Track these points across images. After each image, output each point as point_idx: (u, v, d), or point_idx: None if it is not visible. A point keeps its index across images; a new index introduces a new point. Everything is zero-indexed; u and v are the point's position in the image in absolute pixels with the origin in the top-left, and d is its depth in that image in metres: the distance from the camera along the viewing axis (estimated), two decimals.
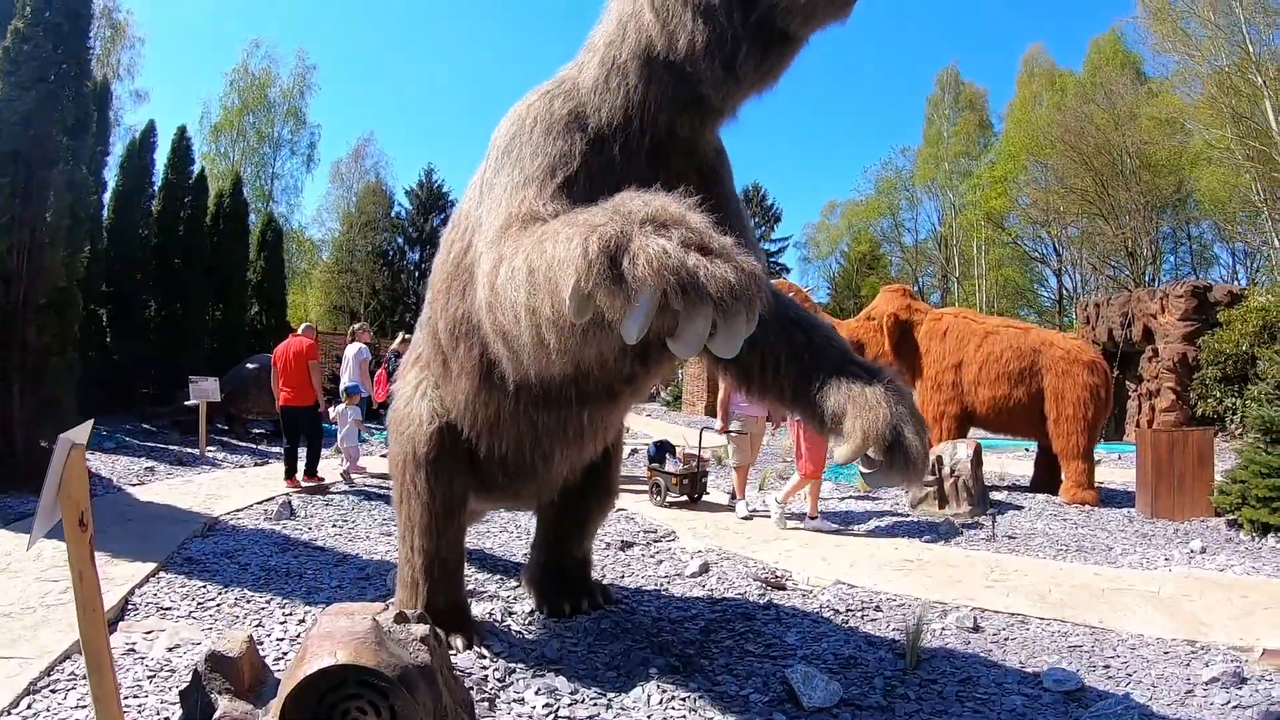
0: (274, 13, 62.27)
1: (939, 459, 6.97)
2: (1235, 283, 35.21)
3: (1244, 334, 13.39)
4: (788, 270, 58.37)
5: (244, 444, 11.05)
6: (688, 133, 2.25)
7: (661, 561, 5.14)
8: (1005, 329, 8.12)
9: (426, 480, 3.05)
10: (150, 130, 14.91)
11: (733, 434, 7.13)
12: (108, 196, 13.54)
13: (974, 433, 8.52)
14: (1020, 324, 8.61)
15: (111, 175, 13.76)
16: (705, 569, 4.86)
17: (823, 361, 2.07)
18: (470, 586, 4.16)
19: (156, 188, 14.81)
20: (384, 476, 8.04)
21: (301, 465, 7.86)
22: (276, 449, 10.95)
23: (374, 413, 11.41)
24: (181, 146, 15.39)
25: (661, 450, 7.72)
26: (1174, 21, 27.25)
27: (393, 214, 50.82)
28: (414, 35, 76.60)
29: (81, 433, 2.31)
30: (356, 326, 10.46)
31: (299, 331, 8.61)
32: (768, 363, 2.22)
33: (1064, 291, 41.65)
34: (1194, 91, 27.25)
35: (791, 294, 9.90)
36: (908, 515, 6.99)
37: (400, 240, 52.20)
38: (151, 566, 4.56)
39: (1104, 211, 32.75)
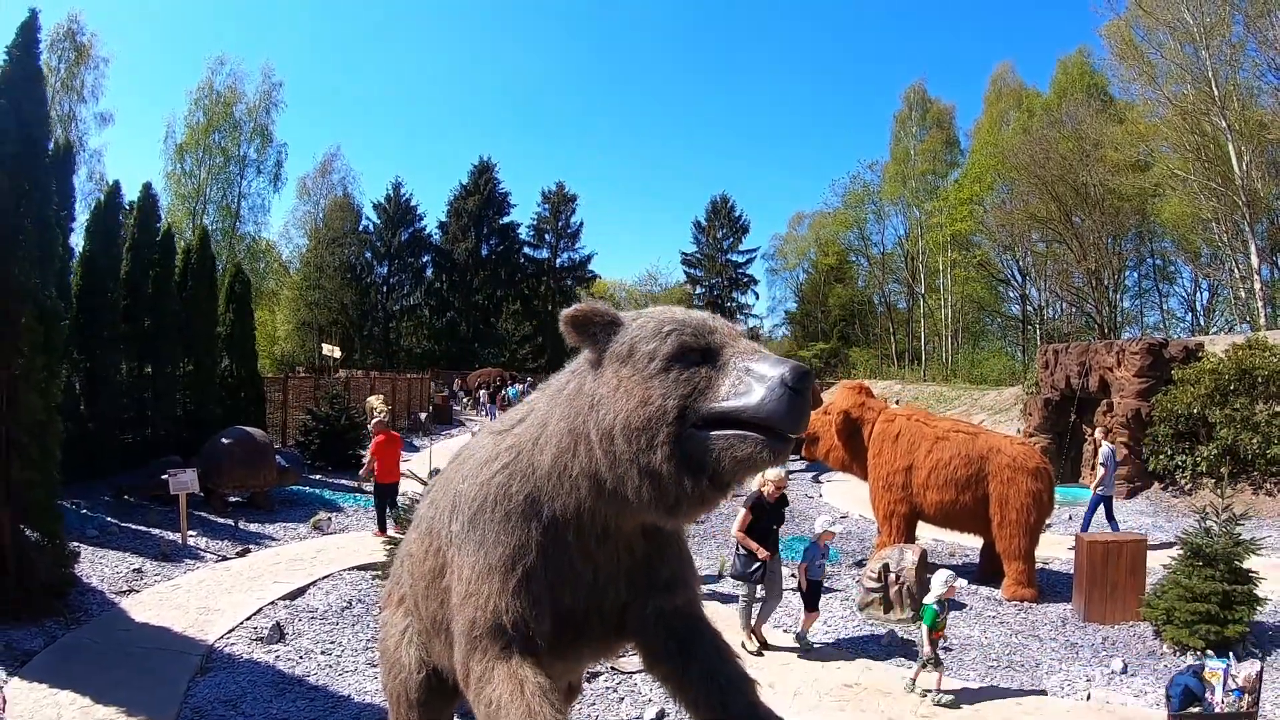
0: (239, 24, 61.35)
1: (885, 566, 7.58)
2: (1198, 296, 36.53)
3: (1196, 395, 14.08)
4: (755, 281, 59.40)
5: (222, 521, 11.32)
6: (634, 526, 2.57)
7: (623, 698, 5.67)
8: (954, 434, 8.73)
9: (420, 718, 3.51)
10: (115, 191, 14.98)
11: None
12: (75, 262, 13.64)
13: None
14: (969, 427, 9.22)
15: (78, 235, 13.85)
16: (662, 715, 5.40)
17: (733, 716, 2.43)
18: None
19: (123, 248, 14.89)
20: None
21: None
22: (255, 526, 11.30)
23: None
24: (147, 204, 15.45)
25: None
26: (1140, 55, 27.99)
27: (360, 228, 50.67)
28: (381, 46, 75.84)
29: None
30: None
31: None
32: (686, 699, 2.61)
33: (1028, 309, 42.91)
34: (1158, 117, 28.13)
35: None
36: (854, 616, 7.60)
37: (368, 254, 52.12)
38: None
39: (1065, 238, 33.76)
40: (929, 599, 5.93)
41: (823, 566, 7.10)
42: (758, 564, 6.67)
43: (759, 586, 6.78)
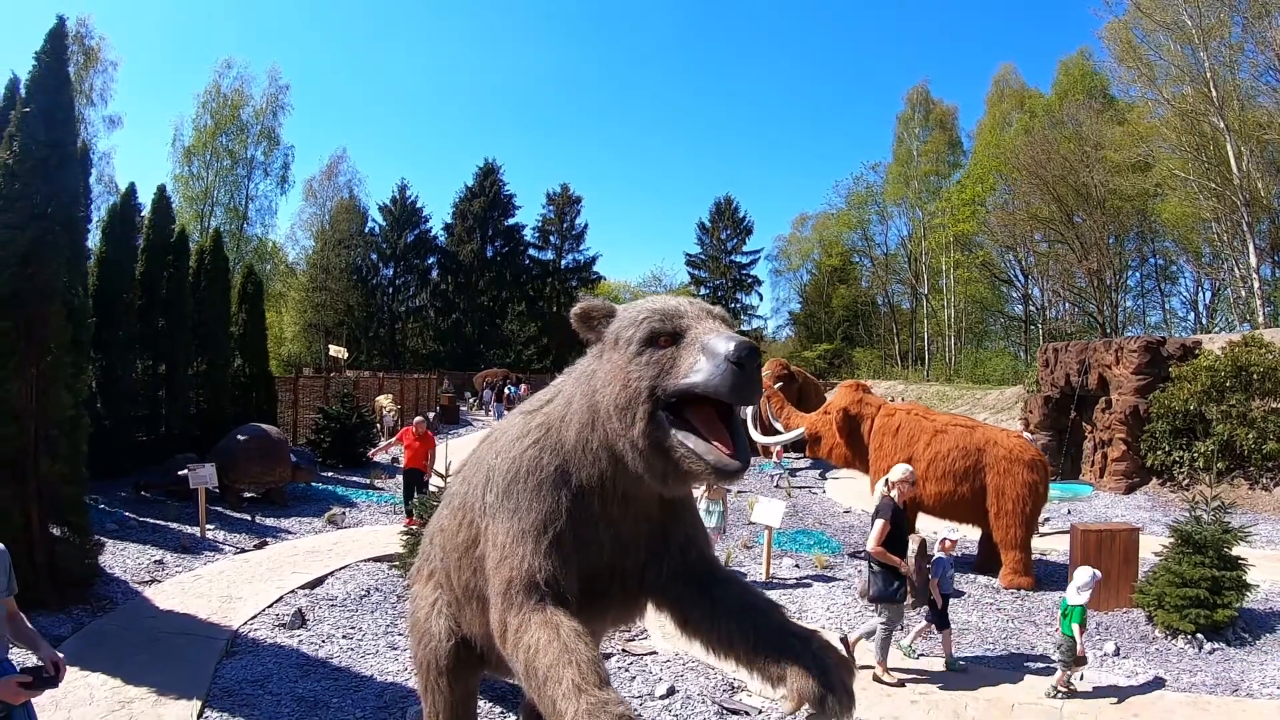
0: (245, 28, 61.82)
1: None
2: (1200, 296, 36.63)
3: (1193, 392, 14.34)
4: (759, 282, 59.61)
5: (238, 515, 11.58)
6: (650, 494, 2.80)
7: (634, 677, 5.90)
8: (953, 427, 8.97)
9: (448, 683, 3.75)
10: (131, 193, 15.29)
11: None
12: (91, 263, 13.93)
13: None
14: (967, 421, 9.45)
15: (91, 237, 14.13)
16: (671, 691, 5.63)
17: (767, 636, 2.66)
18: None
19: (139, 249, 15.17)
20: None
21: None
22: (270, 521, 11.56)
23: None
24: (161, 206, 15.75)
25: None
26: (1139, 57, 28.14)
27: (366, 230, 50.99)
28: (386, 49, 76.29)
29: None
30: None
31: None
32: (721, 639, 2.88)
33: (1030, 309, 43.03)
34: (1158, 118, 28.30)
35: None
36: (856, 604, 7.83)
37: (374, 256, 52.46)
38: (197, 706, 5.23)
39: (1067, 238, 33.90)
40: (1078, 599, 5.70)
41: (953, 578, 6.66)
42: (899, 581, 5.94)
43: (902, 607, 6.08)
